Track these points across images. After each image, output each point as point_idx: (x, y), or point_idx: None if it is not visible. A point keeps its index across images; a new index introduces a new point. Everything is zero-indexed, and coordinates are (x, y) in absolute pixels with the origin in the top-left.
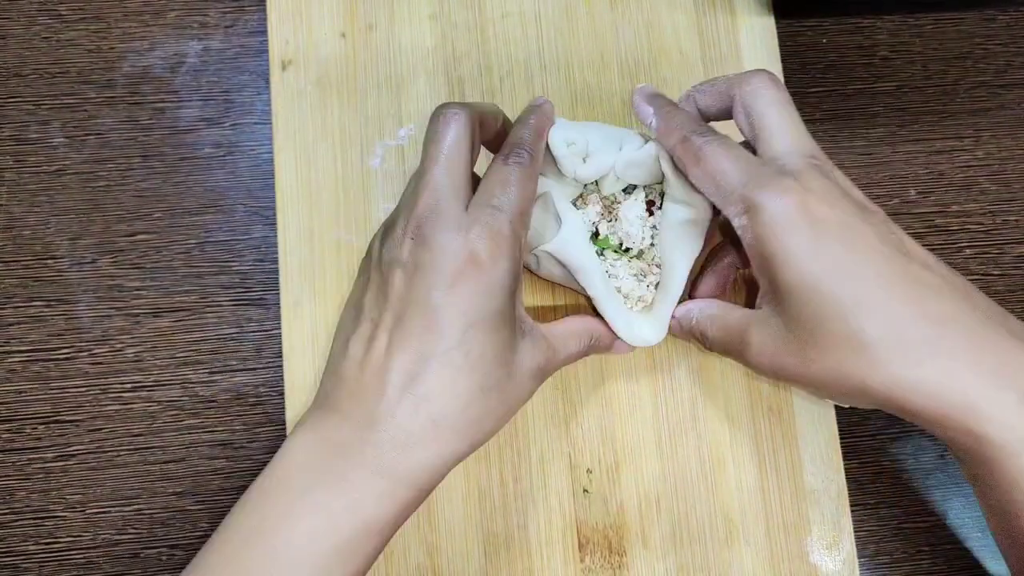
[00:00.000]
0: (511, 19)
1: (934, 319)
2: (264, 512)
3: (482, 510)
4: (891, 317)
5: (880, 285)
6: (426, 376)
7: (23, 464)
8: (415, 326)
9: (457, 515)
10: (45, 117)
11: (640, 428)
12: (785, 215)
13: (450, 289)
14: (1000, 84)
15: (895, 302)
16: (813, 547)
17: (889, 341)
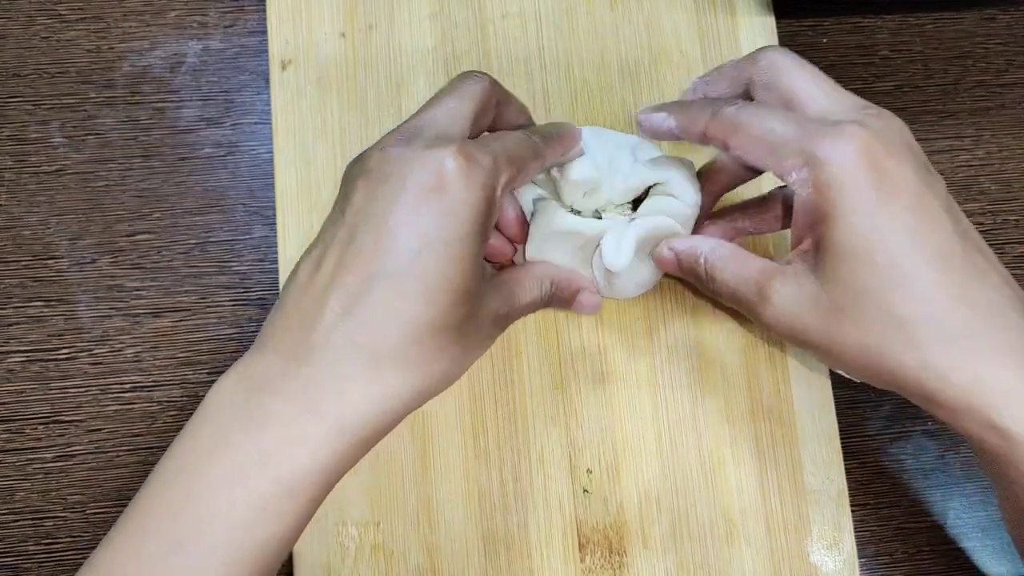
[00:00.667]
0: (511, 19)
1: (982, 308)
2: (173, 469)
3: (482, 510)
4: (939, 300)
5: (936, 265)
6: (369, 298)
7: (23, 464)
8: (367, 242)
9: (457, 515)
10: (45, 117)
11: (640, 428)
12: (852, 166)
13: (412, 204)
14: (1000, 84)
15: (946, 285)
16: (813, 547)
17: (931, 325)
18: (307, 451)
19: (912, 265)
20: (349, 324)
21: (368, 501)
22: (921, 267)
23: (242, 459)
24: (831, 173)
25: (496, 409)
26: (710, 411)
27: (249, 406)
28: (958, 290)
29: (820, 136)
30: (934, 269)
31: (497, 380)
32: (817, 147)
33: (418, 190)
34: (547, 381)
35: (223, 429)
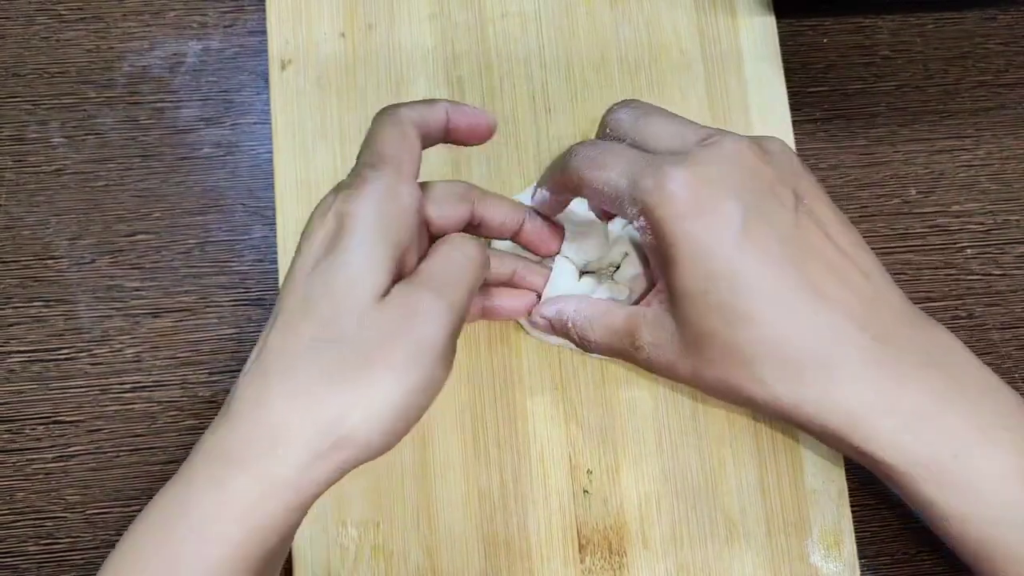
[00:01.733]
0: (511, 18)
1: (822, 333)
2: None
3: (482, 511)
4: (775, 332)
5: (770, 296)
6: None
7: (23, 465)
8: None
9: (457, 516)
10: (44, 117)
11: (640, 428)
12: (677, 211)
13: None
14: (1001, 83)
15: (782, 315)
16: (814, 548)
17: (771, 358)
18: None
19: (744, 302)
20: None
21: (368, 502)
22: (754, 300)
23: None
24: (660, 220)
25: (496, 409)
26: (710, 411)
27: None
28: (797, 319)
29: (647, 181)
30: (766, 302)
31: (497, 380)
32: (644, 193)
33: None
34: (547, 381)
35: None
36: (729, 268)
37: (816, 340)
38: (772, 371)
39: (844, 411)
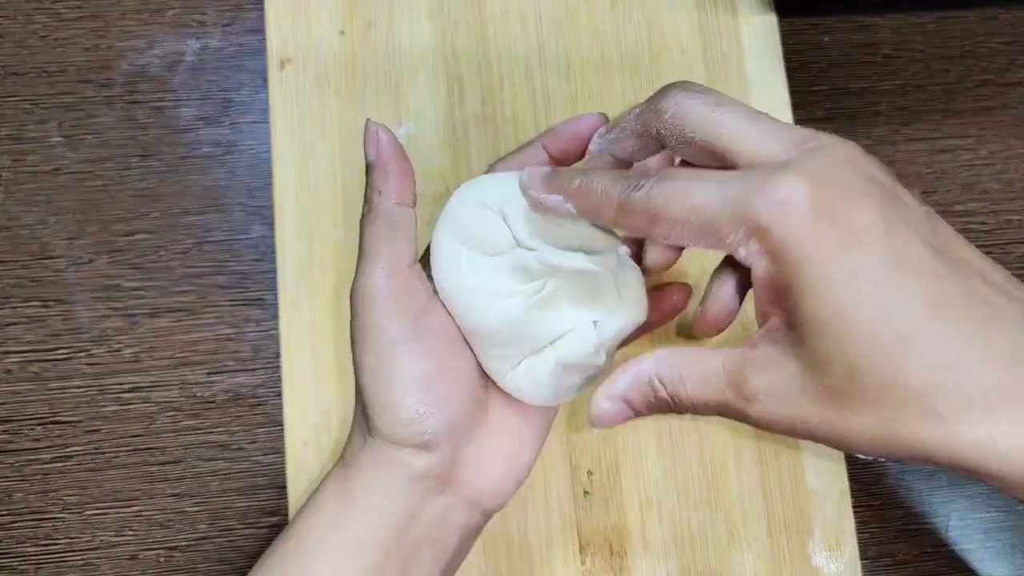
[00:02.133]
0: (511, 17)
1: (1005, 357)
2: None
3: None
4: (948, 357)
5: (932, 314)
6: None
7: (21, 465)
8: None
9: None
10: (42, 116)
11: (641, 429)
12: (803, 226)
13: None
14: (1003, 83)
15: (952, 337)
16: (815, 549)
17: (947, 390)
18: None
19: (901, 323)
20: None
21: None
22: (914, 322)
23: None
24: (781, 239)
25: None
26: None
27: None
28: (971, 341)
29: (756, 197)
30: (932, 321)
31: None
32: (756, 212)
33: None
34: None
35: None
36: (877, 285)
37: (999, 360)
38: (949, 405)
39: None
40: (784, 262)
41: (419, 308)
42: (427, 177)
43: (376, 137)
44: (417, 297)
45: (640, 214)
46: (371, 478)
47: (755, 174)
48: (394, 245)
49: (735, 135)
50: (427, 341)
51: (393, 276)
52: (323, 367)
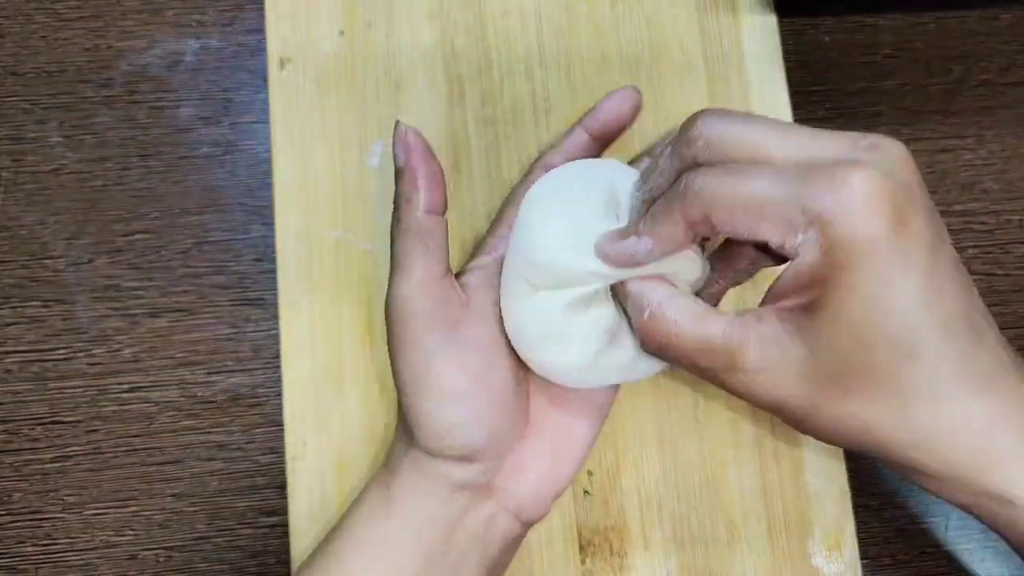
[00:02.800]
0: (511, 16)
1: (983, 374)
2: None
3: None
4: (942, 371)
5: (943, 332)
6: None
7: (20, 465)
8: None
9: None
10: (42, 116)
11: (641, 429)
12: (870, 221)
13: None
14: (1003, 83)
15: (951, 355)
16: (815, 549)
17: (931, 397)
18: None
19: (921, 335)
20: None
21: None
22: (930, 336)
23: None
24: (845, 232)
25: None
26: (711, 412)
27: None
28: (960, 358)
29: (824, 185)
30: (941, 338)
31: None
32: (821, 201)
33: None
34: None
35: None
36: (917, 293)
37: (975, 379)
38: (926, 409)
39: (990, 451)
40: (837, 255)
41: (453, 320)
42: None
43: (405, 140)
44: (451, 309)
45: (699, 202)
46: (412, 487)
47: (820, 168)
48: (425, 257)
49: (779, 144)
50: (463, 353)
51: (426, 289)
52: (323, 367)
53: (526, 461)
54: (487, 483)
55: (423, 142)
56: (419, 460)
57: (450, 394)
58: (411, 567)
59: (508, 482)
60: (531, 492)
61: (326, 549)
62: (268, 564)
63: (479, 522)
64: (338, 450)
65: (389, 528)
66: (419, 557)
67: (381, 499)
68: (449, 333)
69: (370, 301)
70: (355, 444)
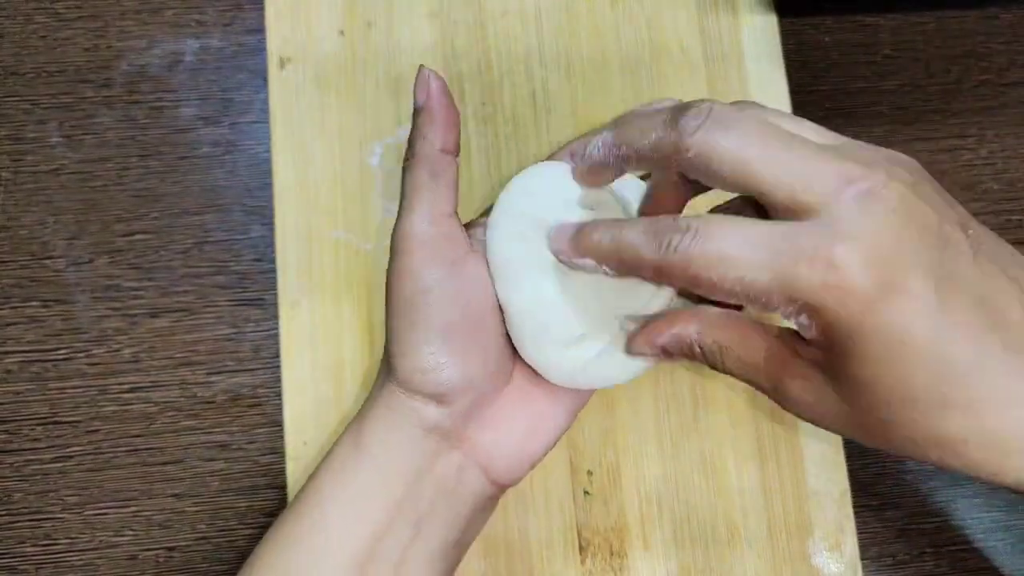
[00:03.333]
0: (511, 16)
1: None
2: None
3: None
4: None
5: (980, 374)
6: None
7: (20, 465)
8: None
9: None
10: (42, 116)
11: (641, 429)
12: (856, 304)
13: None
14: (1003, 83)
15: (994, 394)
16: (816, 549)
17: (977, 437)
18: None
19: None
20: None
21: None
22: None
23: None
24: (835, 320)
25: None
26: (712, 412)
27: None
28: (1006, 397)
29: (806, 274)
30: (977, 385)
31: None
32: (808, 291)
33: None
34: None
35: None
36: (931, 355)
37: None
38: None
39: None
40: (837, 335)
41: (456, 257)
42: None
43: (427, 82)
44: (456, 246)
45: (680, 277)
46: (383, 428)
47: (804, 238)
48: (435, 191)
49: (771, 180)
50: (459, 292)
51: (433, 223)
52: (323, 367)
53: (500, 422)
54: (458, 430)
55: (445, 86)
56: (393, 396)
57: (437, 329)
58: (383, 512)
59: (479, 435)
60: (502, 452)
61: (297, 506)
62: None
63: (448, 472)
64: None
65: (359, 475)
66: (391, 502)
67: (351, 447)
68: (449, 268)
69: (370, 301)
70: None
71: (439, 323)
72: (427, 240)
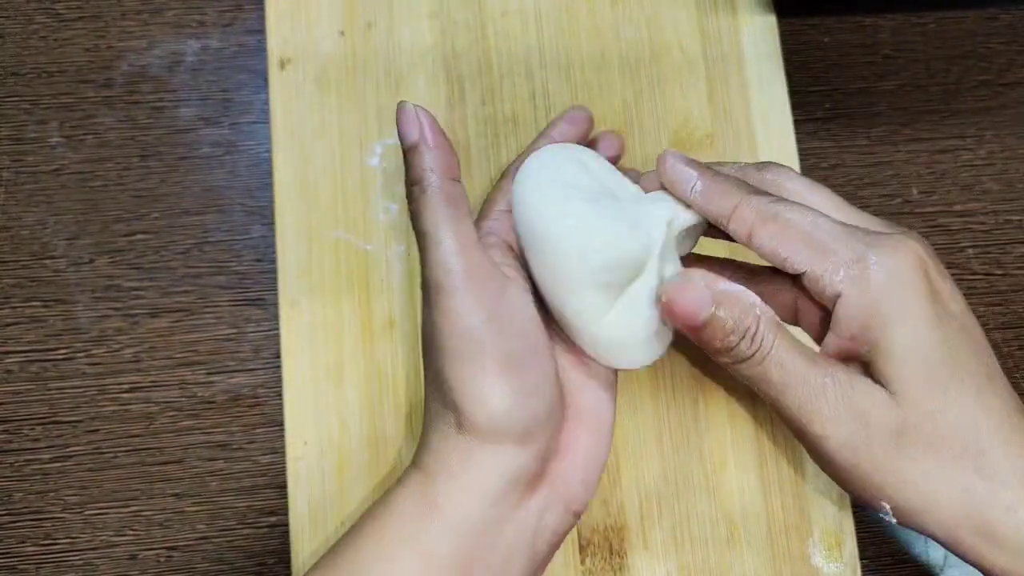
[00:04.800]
0: (511, 17)
1: (1002, 424)
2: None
3: None
4: (983, 429)
5: (976, 393)
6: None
7: (20, 465)
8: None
9: None
10: (43, 116)
11: (641, 429)
12: (911, 274)
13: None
14: (1003, 83)
15: (987, 413)
16: (815, 549)
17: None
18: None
19: (966, 391)
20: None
21: (368, 501)
22: (968, 395)
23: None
24: (890, 275)
25: None
26: (711, 412)
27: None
28: (996, 418)
29: (873, 239)
30: (976, 397)
31: None
32: (871, 248)
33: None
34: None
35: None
36: (960, 349)
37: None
38: (991, 462)
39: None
40: (885, 293)
41: (496, 288)
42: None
43: (417, 118)
44: (494, 274)
45: (762, 211)
46: (458, 489)
47: (871, 231)
48: (457, 223)
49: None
50: (511, 322)
51: (465, 255)
52: (323, 367)
53: (569, 443)
54: (540, 471)
55: (433, 118)
56: (466, 449)
57: (504, 367)
58: (452, 571)
59: (558, 466)
60: (580, 476)
61: (356, 541)
62: (268, 564)
63: (528, 519)
64: (338, 450)
65: (430, 528)
66: (457, 565)
67: (419, 500)
68: (498, 299)
69: (370, 301)
70: (355, 444)
71: (503, 359)
72: (466, 275)
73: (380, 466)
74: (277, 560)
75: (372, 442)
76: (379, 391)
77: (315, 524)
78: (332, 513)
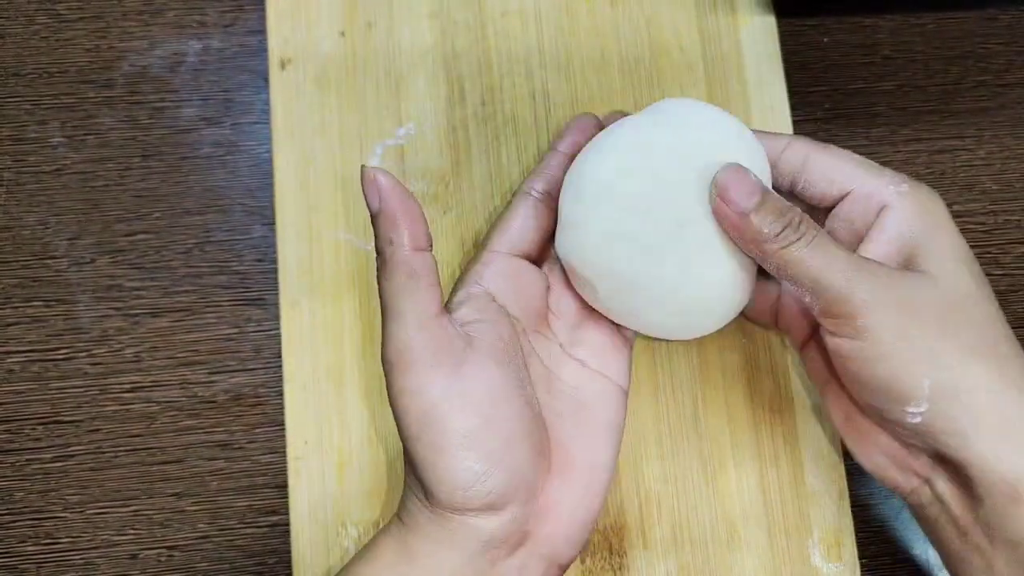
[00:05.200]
0: (511, 17)
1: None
2: None
3: None
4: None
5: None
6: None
7: (21, 465)
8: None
9: None
10: (44, 117)
11: (640, 429)
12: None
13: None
14: (1002, 84)
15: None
16: (815, 549)
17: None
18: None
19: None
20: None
21: (368, 501)
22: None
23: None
24: (930, 197)
25: None
26: (711, 412)
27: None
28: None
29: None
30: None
31: None
32: (910, 182)
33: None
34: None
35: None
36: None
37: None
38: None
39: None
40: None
41: (455, 360)
42: (427, 177)
43: (376, 183)
44: (452, 346)
45: (814, 144)
46: (432, 545)
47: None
48: (417, 296)
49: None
50: (470, 394)
51: (423, 330)
52: (323, 367)
53: (555, 498)
54: (516, 534)
55: (395, 181)
56: (443, 518)
57: (464, 441)
58: None
59: (541, 525)
60: (564, 532)
61: None
62: (268, 564)
63: (511, 573)
64: (338, 450)
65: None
66: None
67: (401, 543)
68: (453, 373)
69: (371, 301)
70: (355, 444)
71: (462, 434)
72: (421, 352)
73: (380, 466)
74: (277, 560)
75: (372, 442)
76: (379, 391)
77: (315, 524)
78: (332, 513)
